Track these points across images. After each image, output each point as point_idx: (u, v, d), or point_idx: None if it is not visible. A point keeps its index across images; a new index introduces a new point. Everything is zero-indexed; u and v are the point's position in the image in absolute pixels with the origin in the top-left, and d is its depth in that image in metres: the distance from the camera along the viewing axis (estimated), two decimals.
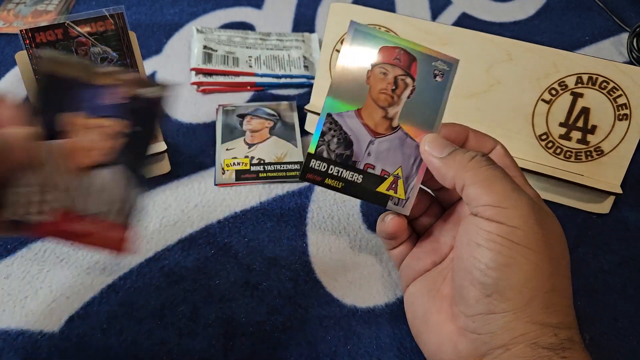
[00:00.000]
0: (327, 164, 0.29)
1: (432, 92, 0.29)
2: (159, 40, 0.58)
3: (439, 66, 0.29)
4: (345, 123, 0.29)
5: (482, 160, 0.26)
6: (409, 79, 0.29)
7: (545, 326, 0.24)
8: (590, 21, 0.63)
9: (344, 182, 0.29)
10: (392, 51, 0.29)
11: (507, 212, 0.25)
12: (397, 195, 0.29)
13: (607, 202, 0.43)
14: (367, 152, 0.29)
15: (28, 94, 0.39)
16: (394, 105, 0.29)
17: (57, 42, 0.38)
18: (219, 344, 0.34)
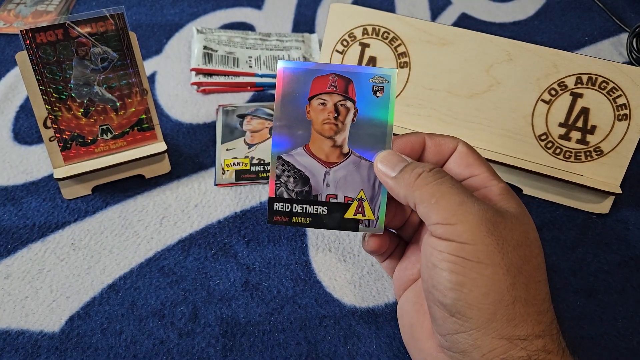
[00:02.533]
0: (289, 203, 0.29)
1: (376, 109, 0.28)
2: (159, 40, 0.58)
3: (376, 81, 0.28)
4: (296, 161, 0.29)
5: (428, 177, 0.26)
6: (349, 103, 0.29)
7: (512, 340, 0.23)
8: (590, 21, 0.64)
9: (311, 216, 0.29)
10: (326, 79, 0.28)
11: (455, 228, 0.24)
12: (366, 217, 0.29)
13: (607, 202, 0.43)
14: (325, 184, 0.29)
15: (29, 95, 0.39)
16: (340, 132, 0.29)
17: (57, 43, 0.38)
18: (218, 344, 0.34)
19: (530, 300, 0.24)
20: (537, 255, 0.25)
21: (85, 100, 0.40)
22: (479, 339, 0.23)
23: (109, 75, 0.40)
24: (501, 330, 0.23)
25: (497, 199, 0.26)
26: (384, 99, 0.28)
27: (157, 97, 0.51)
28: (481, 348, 0.23)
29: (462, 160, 0.28)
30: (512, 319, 0.23)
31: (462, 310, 0.24)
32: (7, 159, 0.45)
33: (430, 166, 0.26)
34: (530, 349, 0.23)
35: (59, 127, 0.40)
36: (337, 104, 0.28)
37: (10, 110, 0.49)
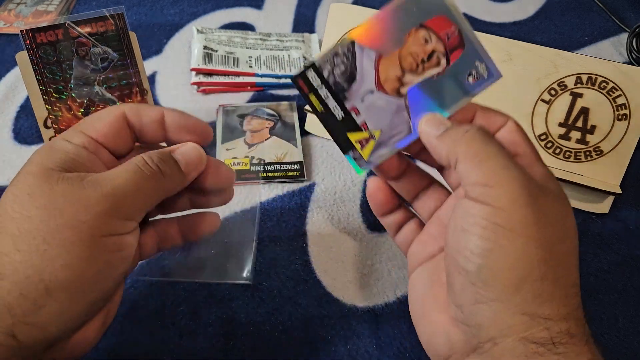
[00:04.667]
0: (321, 82, 0.27)
1: (456, 88, 0.27)
2: (160, 40, 0.58)
3: (479, 68, 0.27)
4: (361, 59, 0.27)
5: (476, 134, 0.24)
6: (444, 61, 0.27)
7: (536, 318, 0.22)
8: (590, 21, 0.64)
9: (326, 108, 0.28)
10: (448, 25, 0.26)
11: (494, 190, 0.23)
12: (362, 152, 0.28)
13: (607, 202, 0.43)
14: (361, 98, 0.27)
15: (29, 94, 0.39)
16: (415, 74, 0.27)
17: (57, 43, 0.38)
18: (219, 344, 0.34)
19: (559, 281, 0.23)
20: (572, 239, 0.24)
21: (86, 100, 0.40)
22: (499, 311, 0.22)
23: (109, 75, 0.40)
24: (524, 306, 0.22)
25: (540, 178, 0.25)
26: (470, 87, 0.27)
27: (157, 97, 0.51)
28: (500, 322, 0.22)
29: (510, 136, 0.26)
30: (539, 296, 0.22)
31: (485, 278, 0.22)
32: (8, 159, 0.45)
33: (479, 126, 0.25)
34: (554, 330, 0.22)
35: (59, 127, 0.40)
36: (436, 52, 0.27)
37: (11, 110, 0.49)
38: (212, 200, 0.30)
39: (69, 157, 0.25)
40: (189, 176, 0.27)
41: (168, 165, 0.26)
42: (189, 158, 0.27)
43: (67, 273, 0.22)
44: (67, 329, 0.23)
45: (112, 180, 0.24)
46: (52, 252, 0.22)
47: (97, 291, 0.24)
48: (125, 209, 0.24)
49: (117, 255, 0.24)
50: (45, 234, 0.22)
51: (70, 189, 0.23)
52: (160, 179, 0.25)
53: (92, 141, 0.26)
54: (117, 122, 0.27)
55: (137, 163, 0.25)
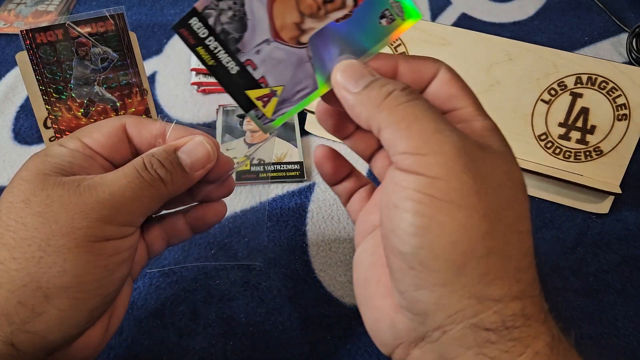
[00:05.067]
0: (208, 32, 0.23)
1: (367, 33, 0.23)
2: (160, 40, 0.58)
3: (393, 8, 0.23)
4: (250, 1, 0.23)
5: (400, 96, 0.21)
6: (350, 2, 0.23)
7: (484, 300, 0.19)
8: (590, 22, 0.64)
9: (217, 62, 0.24)
10: None
11: (426, 159, 0.19)
12: (264, 110, 0.24)
13: (607, 202, 0.43)
14: (256, 49, 0.23)
15: (29, 95, 0.39)
16: (316, 19, 0.23)
17: (57, 43, 0.38)
18: (219, 344, 0.34)
19: (509, 254, 0.20)
20: (522, 202, 0.21)
21: (86, 101, 0.40)
22: (443, 296, 0.19)
23: (109, 76, 0.40)
24: (471, 288, 0.19)
25: (480, 134, 0.22)
26: (384, 31, 0.23)
27: (157, 97, 0.51)
28: (446, 308, 0.19)
29: (443, 90, 0.23)
30: (486, 274, 0.19)
31: (424, 261, 0.19)
32: (8, 159, 0.45)
33: (403, 84, 0.21)
34: (505, 313, 0.19)
35: (59, 127, 0.40)
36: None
37: (11, 110, 0.49)
38: (214, 193, 0.29)
39: (65, 160, 0.24)
40: (195, 176, 0.26)
41: (170, 169, 0.25)
42: (195, 157, 0.26)
43: (64, 279, 0.22)
44: (68, 336, 0.23)
45: (109, 186, 0.23)
46: (48, 260, 0.22)
47: (97, 296, 0.23)
48: (123, 215, 0.23)
49: (115, 259, 0.24)
50: (40, 242, 0.22)
51: (66, 194, 0.23)
52: (160, 187, 0.24)
53: (86, 148, 0.26)
54: (115, 134, 0.26)
55: (137, 167, 0.24)
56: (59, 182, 0.23)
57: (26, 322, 0.21)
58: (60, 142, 0.25)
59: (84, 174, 0.24)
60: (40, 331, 0.22)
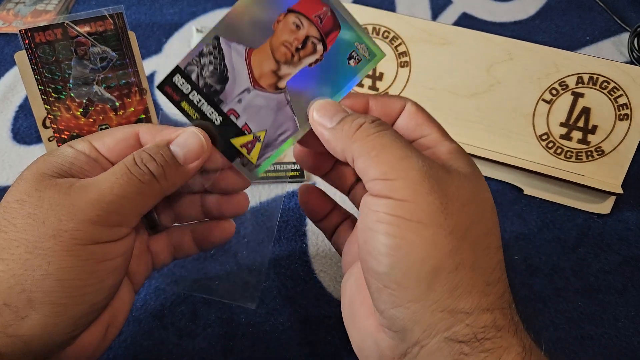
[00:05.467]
0: (191, 87, 0.25)
1: (338, 74, 0.25)
2: (159, 40, 0.58)
3: (359, 50, 0.25)
4: (230, 55, 0.25)
5: (370, 127, 0.23)
6: (320, 46, 0.25)
7: (456, 314, 0.20)
8: (591, 21, 0.63)
9: (201, 115, 0.25)
10: (319, 7, 0.24)
11: (394, 184, 0.21)
12: (249, 157, 0.26)
13: (608, 202, 0.43)
14: (237, 98, 0.25)
15: (28, 94, 0.39)
16: (291, 65, 0.25)
17: (56, 42, 0.38)
18: (218, 345, 0.33)
19: (478, 268, 0.21)
20: (489, 218, 0.22)
21: (85, 100, 0.40)
22: (417, 312, 0.20)
23: (108, 75, 0.40)
24: (442, 302, 0.20)
25: (446, 158, 0.23)
26: (353, 70, 0.25)
27: (156, 97, 0.51)
28: (421, 323, 0.20)
29: (410, 120, 0.25)
30: (455, 289, 0.20)
31: (397, 278, 0.21)
32: (7, 159, 0.45)
33: (373, 117, 0.23)
34: (477, 325, 0.20)
35: (58, 127, 0.40)
36: (310, 38, 0.25)
37: (10, 110, 0.49)
38: (225, 208, 0.28)
39: (67, 161, 0.24)
40: (191, 167, 0.25)
41: (161, 163, 0.24)
42: (188, 148, 0.25)
43: (47, 283, 0.21)
44: (52, 343, 0.22)
45: (98, 186, 0.23)
46: (34, 262, 0.21)
47: (83, 304, 0.22)
48: (112, 216, 0.22)
49: (104, 265, 0.23)
50: (27, 243, 0.21)
51: (56, 196, 0.22)
52: (152, 182, 0.23)
53: (94, 150, 0.25)
54: (126, 140, 0.26)
55: (126, 163, 0.23)
56: (53, 183, 0.23)
57: (9, 325, 0.21)
58: (70, 143, 0.25)
59: (83, 177, 0.24)
60: (23, 336, 0.21)
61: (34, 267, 0.21)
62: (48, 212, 0.22)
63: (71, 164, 0.24)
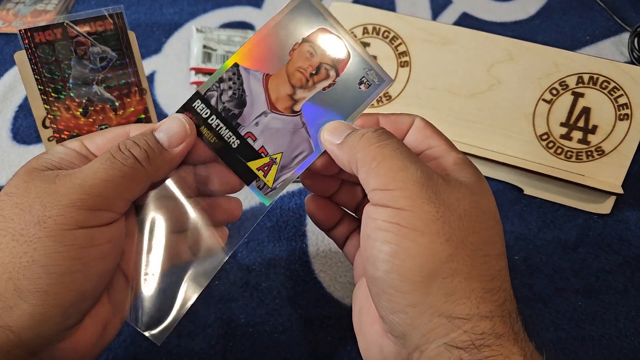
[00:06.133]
0: (210, 112, 0.26)
1: (349, 97, 0.26)
2: (159, 39, 0.58)
3: (369, 75, 0.26)
4: (248, 81, 0.26)
5: (372, 137, 0.23)
6: (333, 72, 0.26)
7: (453, 320, 0.21)
8: (591, 21, 0.63)
9: (219, 139, 0.26)
10: (332, 37, 0.26)
11: (392, 194, 0.22)
12: (265, 180, 0.27)
13: (608, 202, 0.43)
14: (255, 122, 0.26)
15: (27, 94, 0.39)
16: (306, 89, 0.26)
17: (56, 42, 0.38)
18: (218, 345, 0.33)
19: (476, 275, 0.21)
20: (491, 228, 0.23)
21: (84, 100, 0.40)
22: (415, 317, 0.21)
23: (107, 75, 0.40)
24: (439, 307, 0.21)
25: (452, 169, 0.24)
26: (364, 94, 0.26)
27: (156, 97, 0.51)
28: (419, 328, 0.21)
29: (419, 134, 0.26)
30: (451, 294, 0.21)
31: (394, 284, 0.21)
32: (6, 158, 0.45)
33: (377, 127, 0.24)
34: (475, 332, 0.20)
35: (58, 127, 0.40)
36: (323, 65, 0.26)
37: (9, 110, 0.49)
38: (216, 213, 0.28)
39: (57, 156, 0.24)
40: (177, 152, 0.25)
41: (144, 147, 0.24)
42: (172, 133, 0.25)
43: (33, 270, 0.21)
44: (42, 334, 0.22)
45: (82, 172, 0.23)
46: (19, 249, 0.21)
47: (70, 292, 0.22)
48: (96, 199, 0.22)
49: (90, 251, 0.22)
50: (14, 232, 0.22)
51: (42, 185, 0.22)
52: (136, 165, 0.24)
53: (84, 148, 0.26)
54: (117, 139, 0.26)
55: (111, 151, 0.24)
56: (41, 175, 0.23)
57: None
58: (62, 143, 0.26)
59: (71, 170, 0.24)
60: (12, 326, 0.21)
61: (20, 255, 0.21)
62: (34, 200, 0.22)
63: (60, 159, 0.24)
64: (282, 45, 0.26)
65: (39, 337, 0.22)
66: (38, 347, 0.22)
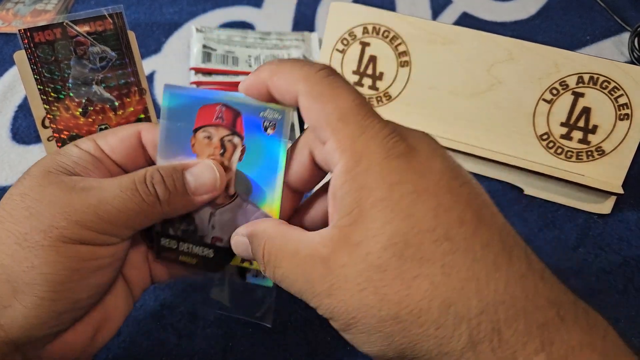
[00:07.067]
0: (175, 240, 0.27)
1: (266, 147, 0.25)
2: (158, 39, 0.58)
3: (268, 116, 0.25)
4: None
5: None
6: (236, 139, 0.25)
7: None
8: (592, 21, 0.63)
9: (197, 258, 0.27)
10: (212, 110, 0.25)
11: None
12: (254, 267, 0.27)
13: (609, 202, 0.43)
14: (211, 225, 0.26)
15: (27, 94, 0.39)
16: (229, 171, 0.26)
17: (55, 42, 0.38)
18: (218, 345, 0.33)
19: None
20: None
21: (84, 100, 0.40)
22: None
23: (107, 75, 0.40)
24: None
25: None
26: (276, 136, 0.25)
27: (156, 97, 0.51)
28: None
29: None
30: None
31: None
32: (6, 158, 0.45)
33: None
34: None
35: (57, 126, 0.40)
36: (224, 139, 0.25)
37: (9, 109, 0.49)
38: None
39: (72, 160, 0.24)
40: (198, 199, 0.25)
41: (169, 188, 0.24)
42: (202, 182, 0.25)
43: (31, 276, 0.21)
44: (32, 335, 0.22)
45: (101, 192, 0.23)
46: (21, 254, 0.21)
47: (65, 299, 0.22)
48: (104, 224, 0.23)
49: (90, 264, 0.23)
50: (19, 235, 0.22)
51: (58, 193, 0.22)
52: (155, 204, 0.23)
53: (98, 150, 0.25)
54: (128, 139, 0.26)
55: (136, 179, 0.24)
56: (58, 180, 0.23)
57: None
58: (75, 142, 0.25)
59: (88, 176, 0.24)
60: (4, 325, 0.21)
61: (21, 259, 0.21)
62: (45, 207, 0.22)
63: (75, 163, 0.24)
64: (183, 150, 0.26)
65: (29, 338, 0.22)
66: (26, 346, 0.22)
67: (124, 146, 0.26)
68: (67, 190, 0.23)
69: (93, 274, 0.23)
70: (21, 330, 0.22)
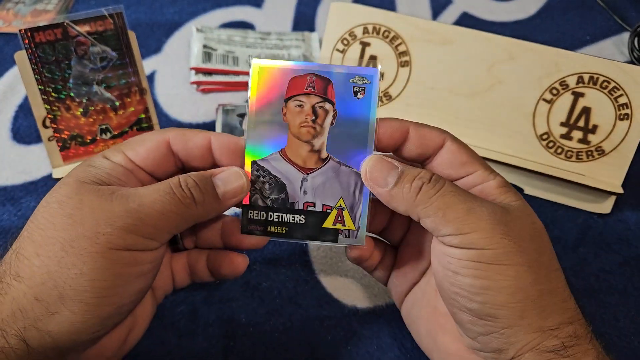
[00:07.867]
0: (265, 212, 0.27)
1: (357, 112, 0.27)
2: (159, 39, 0.58)
3: (357, 82, 0.27)
4: (272, 167, 0.27)
5: (429, 190, 0.25)
6: (327, 105, 0.27)
7: (545, 331, 0.24)
8: (592, 20, 0.63)
9: (287, 226, 0.27)
10: (303, 79, 0.27)
11: (470, 236, 0.24)
12: (346, 227, 0.28)
13: (608, 202, 0.43)
14: (302, 191, 0.27)
15: (28, 94, 0.39)
16: (318, 136, 0.27)
17: (56, 42, 0.38)
18: (218, 345, 0.33)
19: (554, 290, 0.25)
20: (548, 244, 0.26)
21: (84, 100, 0.40)
22: (512, 336, 0.24)
23: (108, 75, 0.40)
24: (533, 325, 0.24)
25: (496, 194, 0.26)
26: (366, 100, 0.27)
27: (156, 97, 0.51)
28: (515, 344, 0.24)
29: (455, 159, 0.27)
30: (542, 311, 0.24)
31: (491, 312, 0.24)
32: (6, 158, 0.45)
33: (428, 175, 0.25)
34: (562, 336, 0.24)
35: (58, 126, 0.40)
36: (315, 106, 0.27)
37: (9, 109, 0.49)
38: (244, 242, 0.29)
39: (104, 171, 0.25)
40: (226, 204, 0.26)
41: (202, 191, 0.25)
42: (229, 186, 0.26)
43: (80, 282, 0.22)
44: (78, 340, 0.23)
45: (140, 197, 0.24)
46: (68, 260, 0.22)
47: (110, 305, 0.23)
48: (148, 228, 0.23)
49: (133, 270, 0.24)
50: (64, 242, 0.22)
51: (97, 201, 0.23)
52: (191, 205, 0.25)
53: (129, 161, 0.26)
54: (158, 148, 0.27)
55: (172, 184, 0.25)
56: (95, 189, 0.24)
57: (39, 319, 0.22)
58: (104, 154, 0.26)
59: (122, 186, 0.25)
60: (51, 331, 0.22)
61: (69, 266, 0.22)
62: (87, 214, 0.23)
63: (109, 174, 0.25)
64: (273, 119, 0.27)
65: (74, 343, 0.23)
66: (70, 352, 0.23)
67: (154, 155, 0.26)
68: (107, 197, 0.23)
69: (136, 280, 0.24)
70: (67, 335, 0.22)
